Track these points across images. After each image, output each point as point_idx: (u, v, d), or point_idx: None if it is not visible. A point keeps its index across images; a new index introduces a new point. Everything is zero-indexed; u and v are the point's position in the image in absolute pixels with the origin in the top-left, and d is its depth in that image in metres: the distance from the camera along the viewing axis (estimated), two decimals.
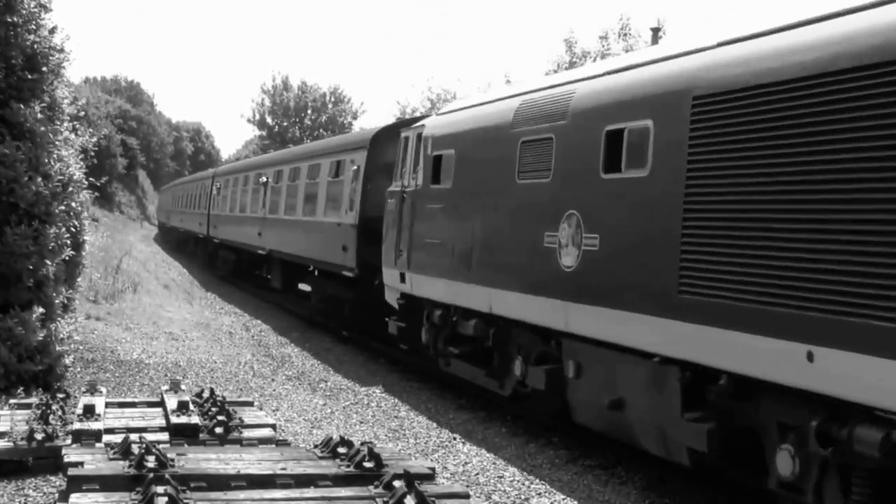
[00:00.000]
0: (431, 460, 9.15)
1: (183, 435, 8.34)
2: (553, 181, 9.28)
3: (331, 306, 18.98)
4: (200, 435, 8.41)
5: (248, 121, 73.62)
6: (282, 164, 23.61)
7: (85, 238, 13.44)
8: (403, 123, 16.28)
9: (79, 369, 12.68)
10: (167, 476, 6.24)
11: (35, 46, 11.34)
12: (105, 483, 6.32)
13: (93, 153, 14.22)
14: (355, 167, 16.72)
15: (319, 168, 19.54)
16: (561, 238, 8.95)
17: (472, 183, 11.10)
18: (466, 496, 6.73)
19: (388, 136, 16.16)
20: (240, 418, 9.00)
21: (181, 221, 42.52)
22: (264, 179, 24.35)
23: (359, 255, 16.09)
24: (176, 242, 45.92)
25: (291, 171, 22.10)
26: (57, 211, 11.32)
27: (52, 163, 11.33)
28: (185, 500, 6.01)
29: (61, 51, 11.92)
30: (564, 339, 9.13)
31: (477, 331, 10.97)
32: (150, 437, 7.79)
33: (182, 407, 8.93)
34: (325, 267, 18.38)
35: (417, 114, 42.58)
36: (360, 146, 17.17)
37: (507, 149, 10.20)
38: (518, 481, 8.64)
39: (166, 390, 9.99)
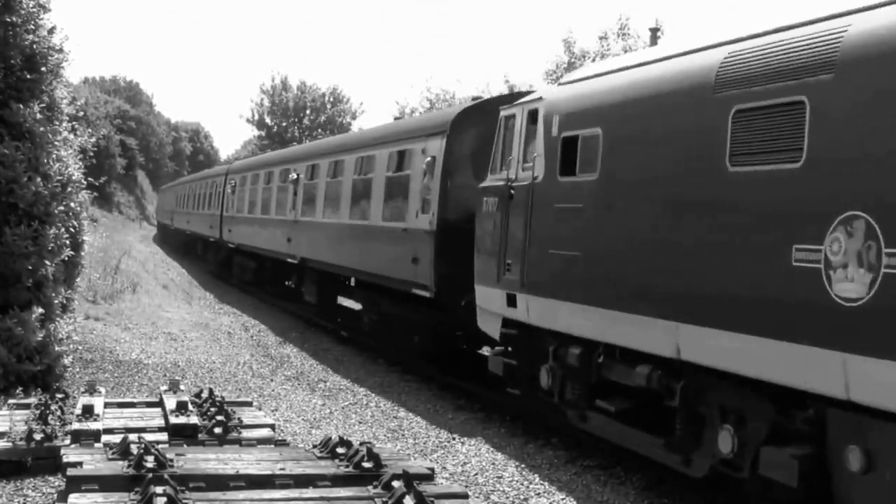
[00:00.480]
0: (430, 460, 9.17)
1: (182, 435, 8.35)
2: (808, 167, 6.31)
3: (392, 330, 15.58)
4: (199, 435, 8.42)
5: (247, 121, 73.68)
6: (317, 157, 20.15)
7: (84, 238, 13.46)
8: (502, 99, 13.16)
9: (78, 369, 12.68)
10: (166, 476, 6.25)
11: (34, 46, 11.34)
12: (104, 483, 6.33)
13: (92, 153, 14.24)
14: (429, 158, 13.35)
15: (373, 161, 16.00)
16: (831, 254, 6.05)
17: (637, 172, 8.06)
18: (465, 496, 6.74)
19: (474, 118, 13.22)
20: (239, 418, 9.01)
21: (188, 223, 39.06)
22: (295, 176, 21.03)
23: (437, 269, 12.83)
24: (180, 245, 43.60)
25: (331, 166, 18.55)
26: (56, 211, 11.32)
27: (52, 163, 11.34)
28: (184, 501, 6.02)
29: (60, 51, 11.93)
30: (833, 410, 6.18)
31: (653, 382, 7.80)
32: (148, 437, 7.80)
33: (181, 407, 8.93)
34: (384, 283, 14.90)
35: (416, 114, 42.18)
36: (436, 131, 13.67)
37: (704, 122, 7.26)
38: (517, 481, 8.65)
39: (165, 390, 10.00)
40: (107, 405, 9.43)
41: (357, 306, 19.49)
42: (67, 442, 7.97)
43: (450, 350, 13.87)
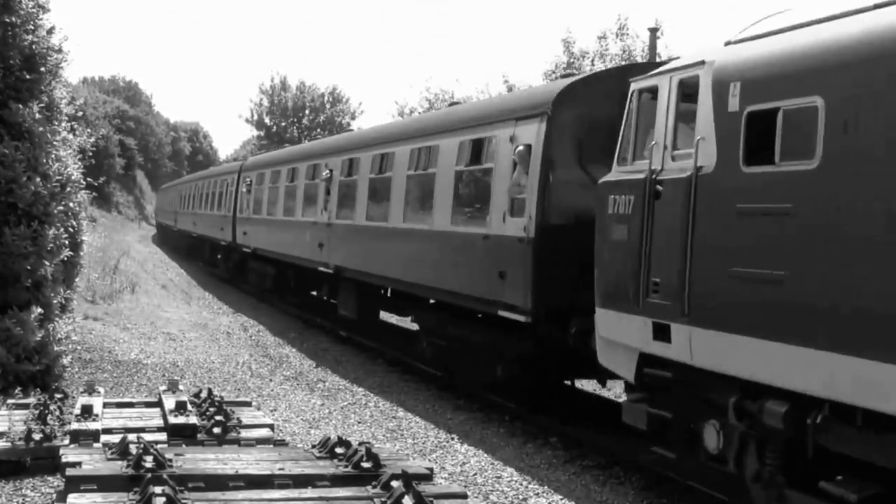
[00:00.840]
0: (429, 460, 9.17)
1: (181, 435, 8.35)
2: None
3: (463, 358, 12.72)
4: (198, 435, 8.43)
5: (246, 121, 73.64)
6: (356, 149, 17.26)
7: (83, 238, 13.48)
8: (620, 71, 10.60)
9: (77, 369, 12.69)
10: (165, 476, 6.26)
11: (33, 47, 11.35)
12: (103, 483, 6.34)
13: (91, 153, 14.25)
14: (521, 147, 10.70)
15: (435, 152, 13.26)
16: None
17: None
18: (464, 496, 6.75)
19: (581, 96, 10.61)
20: (238, 418, 9.02)
21: (194, 225, 36.16)
22: (328, 173, 18.20)
23: (535, 287, 10.19)
24: (184, 248, 41.24)
25: (376, 160, 15.71)
26: (55, 211, 11.33)
27: (51, 163, 11.35)
28: (183, 501, 6.03)
29: (59, 51, 11.94)
30: None
31: None
32: (148, 437, 7.81)
33: (180, 407, 8.94)
34: (453, 300, 12.26)
35: (411, 111, 41.95)
36: (530, 113, 10.83)
37: None
38: (516, 481, 8.66)
39: (164, 390, 10.00)
40: (106, 405, 9.44)
41: (401, 322, 18.14)
42: (66, 442, 7.98)
43: (542, 385, 11.42)
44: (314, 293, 21.90)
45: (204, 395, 9.81)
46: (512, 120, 11.18)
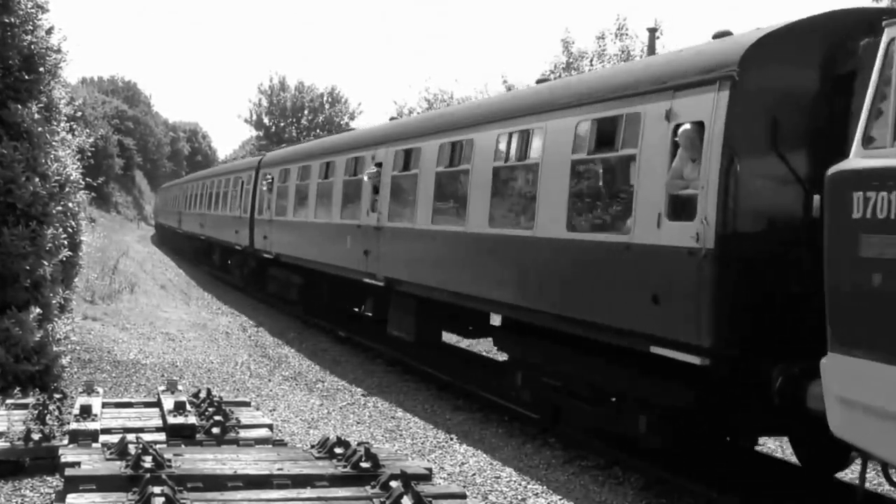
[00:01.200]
0: (428, 461, 9.18)
1: (180, 435, 8.36)
2: None
3: (584, 404, 9.68)
4: (197, 435, 8.43)
5: (245, 121, 73.78)
6: (413, 138, 14.36)
7: (82, 238, 13.49)
8: (844, 15, 7.88)
9: (76, 370, 12.68)
10: (164, 476, 6.26)
11: (32, 47, 11.34)
12: (102, 483, 6.33)
13: (89, 153, 14.23)
14: (686, 126, 7.97)
15: (536, 137, 10.48)
16: None
17: None
18: (463, 496, 6.75)
19: (782, 53, 7.81)
20: (237, 418, 9.02)
21: (201, 227, 33.50)
22: (375, 168, 15.35)
23: (719, 318, 7.50)
24: (190, 252, 39.16)
25: (443, 150, 12.92)
26: (54, 211, 11.33)
27: (50, 163, 11.35)
28: (182, 501, 6.03)
29: (58, 51, 11.93)
30: None
31: None
32: (146, 437, 7.80)
33: (179, 407, 8.94)
34: (573, 329, 9.46)
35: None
36: (702, 79, 7.98)
37: None
38: (515, 482, 8.66)
39: (163, 391, 10.00)
40: (105, 405, 9.44)
41: (460, 343, 16.65)
42: (65, 442, 7.98)
43: (711, 445, 9.13)
44: (349, 307, 19.48)
45: (203, 395, 9.81)
46: (667, 90, 8.40)
